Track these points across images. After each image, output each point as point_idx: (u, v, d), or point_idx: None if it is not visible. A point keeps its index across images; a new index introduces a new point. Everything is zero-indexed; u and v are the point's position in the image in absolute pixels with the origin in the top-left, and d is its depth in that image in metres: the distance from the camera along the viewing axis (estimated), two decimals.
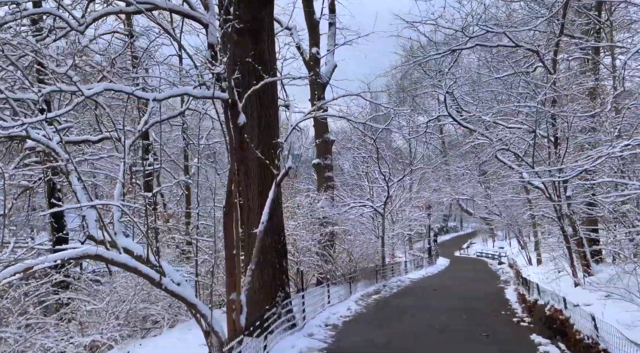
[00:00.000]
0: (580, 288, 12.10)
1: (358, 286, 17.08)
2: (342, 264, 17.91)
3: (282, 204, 9.49)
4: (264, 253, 8.92)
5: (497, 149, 13.86)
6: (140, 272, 6.77)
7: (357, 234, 21.51)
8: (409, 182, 32.16)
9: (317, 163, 21.20)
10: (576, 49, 15.81)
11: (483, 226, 58.31)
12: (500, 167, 33.53)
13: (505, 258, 38.84)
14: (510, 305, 14.91)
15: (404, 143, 51.36)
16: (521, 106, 13.51)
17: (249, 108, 8.98)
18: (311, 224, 17.21)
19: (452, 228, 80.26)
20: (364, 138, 21.78)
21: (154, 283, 6.84)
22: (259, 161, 8.85)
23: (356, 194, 30.57)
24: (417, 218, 35.13)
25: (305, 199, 18.26)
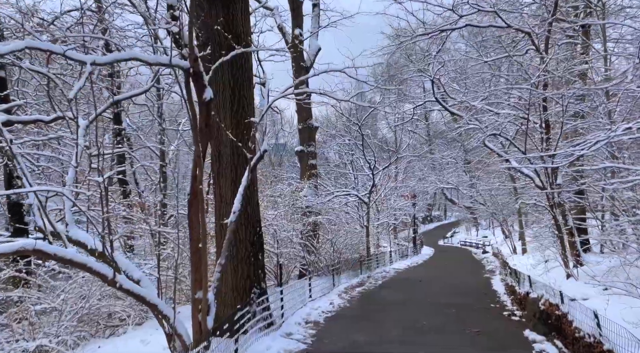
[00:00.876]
0: (572, 279, 11.60)
1: (342, 278, 16.41)
2: (326, 255, 17.21)
3: (258, 192, 8.66)
4: (237, 246, 8.11)
5: (487, 135, 13.20)
6: (90, 269, 5.91)
7: (342, 224, 20.81)
8: (394, 171, 31.57)
9: (301, 150, 20.35)
10: (568, 29, 15.19)
11: (467, 216, 58.41)
12: (486, 155, 33.20)
13: (489, 247, 38.73)
14: (498, 296, 14.40)
15: (389, 131, 50.84)
16: (513, 88, 12.82)
17: (220, 86, 8.09)
18: (293, 213, 16.44)
19: (435, 217, 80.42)
20: (349, 124, 20.94)
21: (107, 281, 5.98)
22: (231, 144, 7.99)
23: (341, 183, 29.86)
24: (402, 207, 34.65)
25: (288, 187, 17.46)
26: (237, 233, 8.09)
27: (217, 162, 8.24)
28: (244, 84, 8.10)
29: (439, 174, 45.89)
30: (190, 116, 5.90)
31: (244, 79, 8.09)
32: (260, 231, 8.45)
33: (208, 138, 6.38)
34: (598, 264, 10.03)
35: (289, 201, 16.74)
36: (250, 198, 8.23)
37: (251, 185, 8.23)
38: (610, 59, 16.64)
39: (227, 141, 8.06)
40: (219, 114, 8.11)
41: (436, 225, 74.71)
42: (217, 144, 8.20)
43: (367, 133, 21.69)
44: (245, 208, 8.14)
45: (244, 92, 8.09)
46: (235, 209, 6.97)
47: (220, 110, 8.10)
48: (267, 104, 7.10)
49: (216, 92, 8.20)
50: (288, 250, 13.71)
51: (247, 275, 8.06)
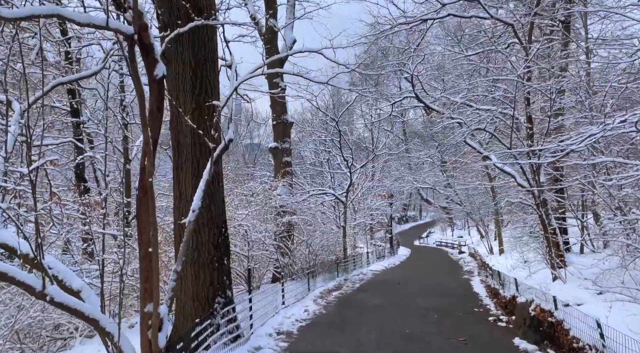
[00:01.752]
0: (559, 282, 11.05)
1: (317, 281, 15.55)
2: (301, 257, 16.32)
3: (223, 188, 7.70)
4: (199, 249, 7.14)
5: (472, 130, 12.57)
6: (13, 279, 4.84)
7: (318, 224, 19.97)
8: (371, 170, 30.95)
9: (275, 146, 19.39)
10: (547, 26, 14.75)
11: (442, 216, 58.53)
12: (463, 155, 32.94)
13: (465, 248, 38.57)
14: (481, 300, 13.81)
15: (365, 130, 50.31)
16: (499, 80, 12.21)
17: (179, 66, 7.11)
18: (266, 213, 15.49)
19: (411, 218, 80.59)
20: (325, 119, 20.08)
21: (35, 294, 4.94)
22: (192, 133, 7.02)
23: (317, 182, 29.03)
24: (379, 207, 34.07)
25: (261, 186, 16.49)
26: (199, 235, 7.13)
27: (176, 153, 7.25)
28: (207, 64, 7.14)
29: (416, 174, 45.63)
30: (138, 95, 4.92)
31: (207, 59, 7.13)
32: (226, 233, 7.49)
33: (160, 123, 5.41)
34: (589, 266, 9.47)
35: (262, 200, 15.78)
36: (214, 194, 7.27)
37: (215, 180, 7.28)
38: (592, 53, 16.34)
39: (187, 129, 7.09)
40: (178, 99, 7.13)
41: (412, 225, 74.83)
42: (176, 133, 7.21)
43: (345, 130, 20.91)
44: (208, 206, 7.19)
45: (207, 73, 7.13)
46: (195, 207, 6.00)
47: (179, 94, 7.12)
48: (235, 85, 6.17)
49: (175, 73, 7.23)
50: (260, 252, 12.75)
51: (210, 282, 7.10)
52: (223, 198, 7.58)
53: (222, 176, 7.63)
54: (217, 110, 6.07)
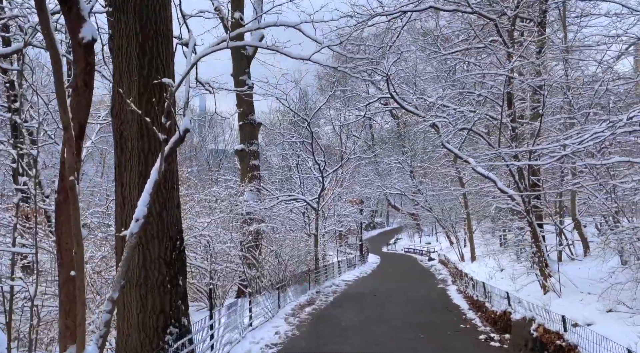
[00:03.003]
0: (552, 295, 10.20)
1: (288, 295, 14.22)
2: (270, 269, 14.96)
3: (179, 192, 6.32)
4: (146, 268, 5.74)
5: (457, 129, 11.63)
6: None
7: (287, 232, 18.66)
8: (341, 175, 29.90)
9: (241, 149, 17.96)
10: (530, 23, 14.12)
11: (410, 222, 58.32)
12: (435, 160, 32.42)
13: (435, 254, 38.08)
14: (464, 313, 12.87)
15: (334, 135, 49.40)
16: (487, 76, 11.34)
17: (123, 40, 5.72)
18: (232, 221, 14.07)
19: (378, 224, 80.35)
20: (296, 119, 18.81)
21: None
22: (139, 123, 5.64)
23: (286, 188, 27.72)
24: (349, 214, 33.08)
25: (226, 191, 15.06)
26: (146, 250, 5.73)
27: (119, 149, 5.83)
28: (159, 39, 5.78)
29: (384, 180, 45.04)
30: (52, 61, 3.54)
31: (159, 32, 5.78)
32: (182, 246, 6.12)
33: (88, 103, 4.05)
34: (589, 279, 8.63)
35: (227, 206, 14.35)
36: (167, 199, 5.90)
37: (168, 181, 5.92)
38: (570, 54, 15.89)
39: (133, 118, 5.70)
40: (121, 81, 5.73)
41: (379, 232, 74.52)
42: (119, 124, 5.81)
43: (316, 130, 19.73)
44: (159, 213, 5.80)
45: (158, 50, 5.77)
46: (139, 215, 4.61)
47: (123, 74, 5.73)
48: (193, 60, 4.88)
49: (118, 48, 5.83)
50: (225, 265, 11.33)
51: (160, 308, 5.70)
52: (178, 203, 6.20)
53: (177, 177, 6.25)
54: (170, 91, 4.75)
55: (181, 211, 10.41)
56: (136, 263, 5.75)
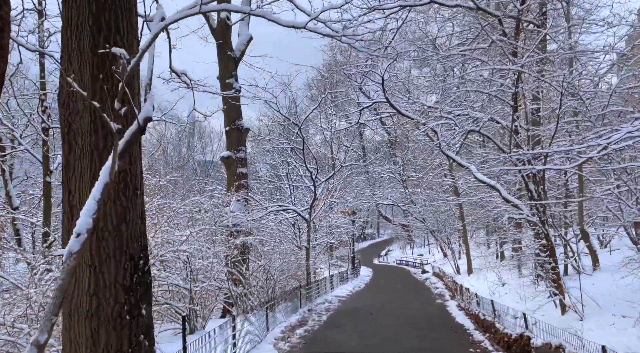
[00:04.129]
0: (573, 315, 9.16)
1: (278, 314, 13.01)
2: (258, 285, 13.75)
3: (143, 199, 5.17)
4: (99, 295, 4.56)
5: (466, 131, 10.65)
6: None
7: (276, 244, 17.47)
8: (332, 185, 28.86)
9: (228, 156, 16.82)
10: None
11: (401, 233, 57.43)
12: (429, 170, 31.54)
13: (429, 267, 37.04)
14: (470, 334, 11.78)
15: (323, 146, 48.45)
16: (499, 73, 10.39)
17: (72, 10, 4.61)
18: (216, 233, 12.88)
19: (369, 235, 79.39)
20: (286, 124, 17.71)
21: None
22: (92, 114, 4.51)
23: (276, 198, 26.57)
24: (341, 225, 31.97)
25: (210, 200, 13.87)
26: (99, 273, 4.56)
27: (66, 145, 4.68)
28: (118, 12, 4.67)
29: (376, 190, 44.10)
30: None
31: (118, 4, 4.68)
32: (148, 267, 4.95)
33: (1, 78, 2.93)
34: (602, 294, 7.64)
35: (211, 217, 13.17)
36: (126, 209, 4.74)
37: (129, 186, 4.77)
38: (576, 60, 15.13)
39: (85, 109, 4.57)
40: (70, 62, 4.62)
41: (370, 243, 73.51)
42: (66, 115, 4.66)
43: (307, 139, 18.69)
44: (116, 226, 4.65)
45: (117, 25, 4.66)
46: (81, 228, 3.47)
47: (73, 54, 4.61)
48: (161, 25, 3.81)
49: (67, 22, 4.71)
50: (206, 283, 10.11)
51: (117, 347, 4.51)
52: (142, 214, 5.04)
53: (141, 181, 5.10)
54: (121, 65, 3.65)
55: (158, 223, 9.19)
56: (86, 289, 4.58)
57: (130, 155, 4.75)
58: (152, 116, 4.18)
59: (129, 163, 4.79)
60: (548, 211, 9.51)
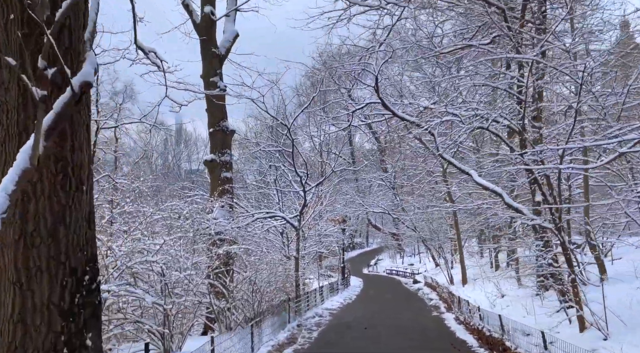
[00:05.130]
0: (593, 333, 8.23)
1: (264, 331, 11.86)
2: (243, 298, 12.62)
3: (91, 196, 4.09)
4: (25, 321, 3.47)
5: (474, 128, 9.72)
6: None
7: (264, 255, 16.35)
8: (322, 192, 27.85)
9: (211, 159, 15.73)
10: None
11: (391, 242, 56.57)
12: (422, 177, 30.71)
13: (420, 277, 36.08)
14: (475, 352, 10.76)
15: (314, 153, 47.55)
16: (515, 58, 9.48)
17: None
18: (194, 243, 11.75)
19: (358, 244, 78.27)
20: (274, 123, 16.61)
21: None
22: (21, 85, 3.47)
23: (263, 205, 25.45)
24: (331, 233, 30.91)
25: (190, 206, 12.74)
26: (27, 291, 3.47)
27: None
28: None
29: (366, 198, 43.21)
30: None
31: None
32: (96, 284, 3.86)
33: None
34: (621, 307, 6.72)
35: (192, 225, 12.05)
36: (65, 208, 3.66)
37: (69, 179, 3.69)
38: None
39: (12, 79, 3.53)
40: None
41: (359, 252, 72.39)
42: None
43: (297, 140, 17.67)
44: (51, 231, 3.57)
45: None
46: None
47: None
48: None
49: None
50: (183, 299, 8.97)
51: None
52: (91, 214, 3.96)
53: (88, 173, 4.01)
54: (46, 4, 2.62)
55: (128, 231, 8.04)
56: (9, 314, 3.48)
57: (71, 138, 3.67)
58: (92, 80, 3.13)
59: (70, 149, 3.71)
60: (565, 217, 8.59)
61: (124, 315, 8.35)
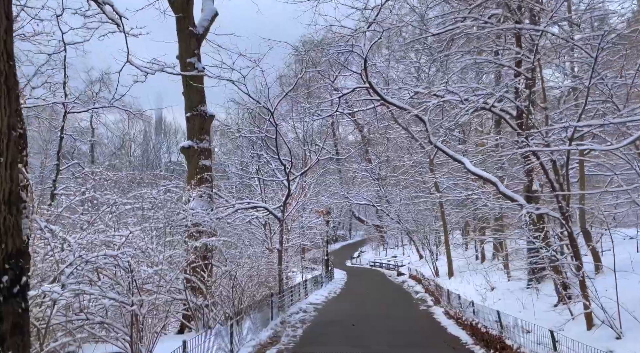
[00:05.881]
0: (604, 331, 7.60)
1: (245, 330, 11.01)
2: (222, 294, 11.73)
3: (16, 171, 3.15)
4: None
5: (478, 107, 8.94)
6: None
7: (245, 247, 15.44)
8: (306, 183, 26.99)
9: (189, 146, 14.64)
10: None
11: (374, 234, 56.25)
12: (409, 168, 30.11)
13: (404, 269, 35.66)
14: (471, 350, 10.10)
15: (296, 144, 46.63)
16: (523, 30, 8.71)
17: None
18: (170, 235, 10.79)
19: (340, 237, 77.88)
20: (256, 107, 15.61)
21: None
22: None
23: (244, 196, 24.48)
24: (315, 225, 30.15)
25: (165, 195, 11.74)
26: None
27: None
28: None
29: (350, 190, 42.56)
30: None
31: None
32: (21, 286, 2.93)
33: None
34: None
35: (166, 215, 11.07)
36: None
37: None
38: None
39: None
40: None
41: (342, 245, 72.09)
42: None
43: (281, 130, 16.73)
44: None
45: None
46: None
47: None
48: None
49: None
50: (153, 296, 8.04)
51: None
52: (16, 196, 3.02)
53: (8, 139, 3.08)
54: None
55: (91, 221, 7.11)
56: None
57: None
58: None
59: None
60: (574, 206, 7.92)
61: (85, 315, 7.39)
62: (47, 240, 5.53)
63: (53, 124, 20.01)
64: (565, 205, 7.97)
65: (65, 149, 23.95)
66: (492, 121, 22.49)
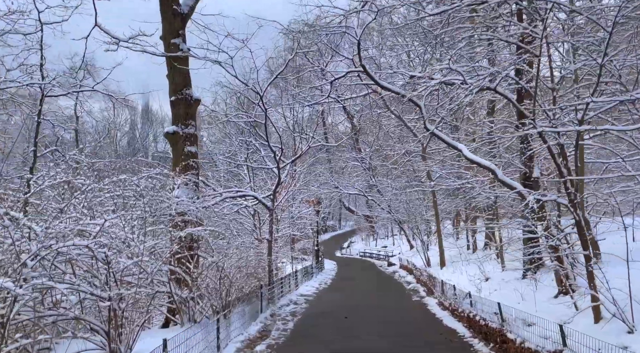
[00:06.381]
0: (614, 325, 7.18)
1: (233, 324, 10.46)
2: (209, 287, 11.15)
3: None
4: None
5: (483, 87, 8.37)
6: None
7: (233, 237, 14.87)
8: (297, 172, 26.41)
9: (173, 131, 13.91)
10: None
11: (364, 225, 56.03)
12: (400, 157, 29.66)
13: (395, 259, 35.41)
14: (471, 345, 9.67)
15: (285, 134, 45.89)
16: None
17: None
18: (153, 224, 10.16)
19: (330, 227, 77.68)
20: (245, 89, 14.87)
21: None
22: None
23: (233, 185, 23.82)
24: (304, 215, 29.64)
25: (147, 181, 11.06)
26: None
27: None
28: None
29: (341, 179, 42.07)
30: None
31: None
32: None
33: None
34: None
35: (149, 203, 10.42)
36: None
37: None
38: None
39: None
40: None
41: (331, 235, 71.91)
42: None
43: (271, 114, 16.04)
44: None
45: None
46: None
47: None
48: None
49: None
50: (133, 291, 7.43)
51: None
52: None
53: None
54: None
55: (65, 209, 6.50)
56: None
57: None
58: None
59: None
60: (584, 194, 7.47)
61: (57, 311, 6.79)
62: (7, 228, 4.89)
63: (33, 111, 19.10)
64: (574, 192, 7.50)
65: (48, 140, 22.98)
66: (485, 109, 22.07)
